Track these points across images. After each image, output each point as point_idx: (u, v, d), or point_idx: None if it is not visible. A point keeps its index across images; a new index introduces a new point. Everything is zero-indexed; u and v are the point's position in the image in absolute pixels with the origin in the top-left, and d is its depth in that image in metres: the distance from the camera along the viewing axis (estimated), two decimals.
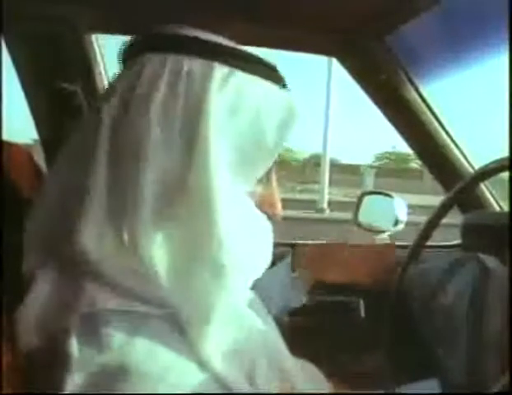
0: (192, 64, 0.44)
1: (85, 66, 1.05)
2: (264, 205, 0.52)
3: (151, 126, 0.42)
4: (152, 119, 0.42)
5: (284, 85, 0.50)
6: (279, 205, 0.55)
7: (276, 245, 0.50)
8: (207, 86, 0.43)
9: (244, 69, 0.46)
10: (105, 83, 1.10)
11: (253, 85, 0.46)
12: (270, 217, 0.53)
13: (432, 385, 0.88)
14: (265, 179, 0.52)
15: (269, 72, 0.49)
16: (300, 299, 0.80)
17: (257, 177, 0.49)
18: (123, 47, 0.50)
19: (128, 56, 0.49)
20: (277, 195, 0.55)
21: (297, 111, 0.50)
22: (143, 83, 0.43)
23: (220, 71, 0.44)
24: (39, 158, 0.98)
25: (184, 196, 0.41)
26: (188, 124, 0.42)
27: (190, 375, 0.40)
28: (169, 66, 0.44)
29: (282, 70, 0.49)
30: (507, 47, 0.90)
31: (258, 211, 0.48)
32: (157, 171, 0.41)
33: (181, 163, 0.42)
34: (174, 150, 0.42)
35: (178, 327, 0.42)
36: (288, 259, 0.85)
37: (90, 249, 0.41)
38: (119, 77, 0.47)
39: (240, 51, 0.47)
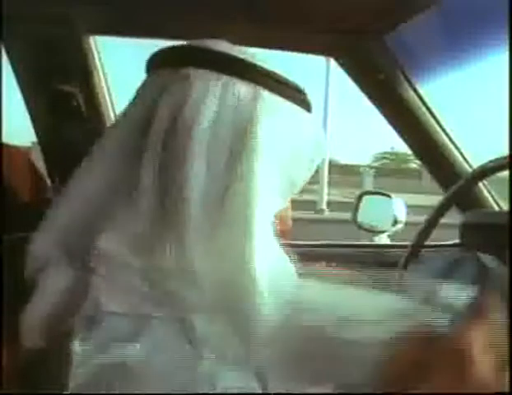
0: (241, 88, 0.45)
1: (83, 68, 1.05)
2: (277, 221, 0.53)
3: (199, 143, 0.42)
4: (200, 138, 0.42)
5: (311, 112, 0.51)
6: (290, 221, 0.56)
7: None
8: (253, 111, 0.44)
9: (284, 95, 0.47)
10: (104, 85, 1.10)
11: (290, 112, 0.48)
12: (281, 233, 0.54)
13: None
14: None
15: (302, 99, 0.50)
16: None
17: (283, 204, 0.51)
18: (160, 53, 0.50)
19: (169, 64, 0.48)
20: (289, 212, 0.56)
21: (324, 143, 0.52)
22: (193, 99, 0.43)
23: (265, 96, 0.45)
24: (38, 160, 0.99)
25: (223, 217, 0.42)
26: (233, 147, 0.43)
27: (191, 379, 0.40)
28: (220, 86, 0.44)
29: (280, 70, 0.49)
30: (507, 46, 0.90)
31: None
32: (202, 186, 0.42)
33: (223, 184, 0.43)
34: (217, 171, 0.43)
35: (183, 331, 0.42)
36: None
37: (110, 252, 0.41)
38: (163, 87, 0.46)
39: (281, 77, 0.47)
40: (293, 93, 0.48)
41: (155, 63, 0.50)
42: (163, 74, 0.47)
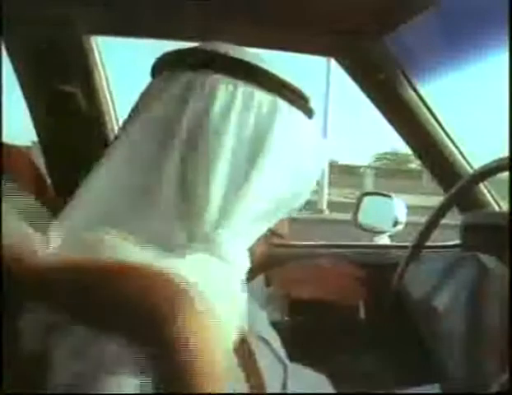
0: (261, 97, 0.46)
1: (84, 68, 1.05)
2: (277, 223, 0.53)
3: (222, 149, 0.44)
4: (223, 144, 0.44)
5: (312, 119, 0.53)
6: (287, 225, 0.57)
7: (275, 246, 0.50)
8: (272, 121, 0.46)
9: (297, 105, 0.49)
10: (104, 85, 1.10)
11: (301, 122, 0.49)
12: (280, 235, 0.55)
13: (432, 388, 0.88)
14: None
15: (309, 108, 0.51)
16: (275, 314, 0.80)
17: (294, 210, 0.53)
18: (177, 54, 0.50)
19: (188, 67, 0.48)
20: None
21: (326, 152, 0.53)
22: (216, 106, 0.45)
23: (283, 106, 0.47)
24: (39, 160, 0.99)
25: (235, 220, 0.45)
26: (252, 155, 0.45)
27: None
28: (242, 94, 0.45)
29: (281, 70, 0.49)
30: (506, 47, 0.90)
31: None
32: (223, 189, 0.44)
33: (241, 188, 0.45)
34: (237, 175, 0.45)
35: None
36: (261, 276, 0.85)
37: None
38: (185, 89, 0.46)
39: (295, 87, 0.49)
40: (303, 103, 0.50)
41: (172, 64, 0.49)
42: (185, 76, 0.47)
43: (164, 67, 0.50)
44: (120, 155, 0.47)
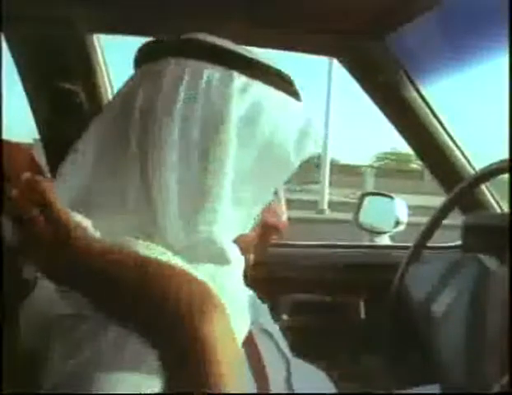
0: (211, 71, 0.45)
1: (86, 66, 1.05)
2: (269, 215, 0.52)
3: (172, 129, 0.43)
4: (173, 123, 0.43)
5: (299, 100, 0.50)
6: (285, 216, 0.55)
7: (277, 246, 0.50)
8: (226, 95, 0.44)
9: (262, 80, 0.46)
10: (106, 83, 1.10)
11: (270, 97, 0.47)
12: (275, 227, 0.54)
13: (432, 388, 0.88)
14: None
15: (286, 85, 0.49)
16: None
17: (271, 193, 0.51)
18: (141, 48, 0.51)
19: (148, 58, 0.49)
20: (284, 206, 0.55)
21: (315, 126, 0.50)
22: (164, 87, 0.44)
23: (239, 80, 0.45)
24: (40, 158, 0.99)
25: (201, 201, 0.43)
26: (206, 131, 0.43)
27: (153, 375, 0.38)
28: (189, 71, 0.44)
29: (282, 70, 0.49)
30: (507, 47, 0.90)
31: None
32: (175, 168, 0.43)
33: (198, 168, 0.43)
34: (192, 154, 0.43)
35: None
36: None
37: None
38: (142, 78, 0.47)
39: (259, 62, 0.47)
40: (272, 77, 0.47)
41: (139, 60, 0.51)
42: (144, 68, 0.48)
43: (135, 64, 0.51)
44: (87, 145, 0.48)
